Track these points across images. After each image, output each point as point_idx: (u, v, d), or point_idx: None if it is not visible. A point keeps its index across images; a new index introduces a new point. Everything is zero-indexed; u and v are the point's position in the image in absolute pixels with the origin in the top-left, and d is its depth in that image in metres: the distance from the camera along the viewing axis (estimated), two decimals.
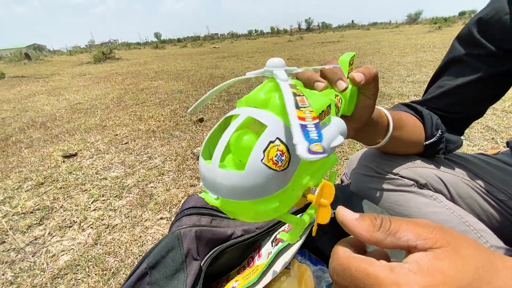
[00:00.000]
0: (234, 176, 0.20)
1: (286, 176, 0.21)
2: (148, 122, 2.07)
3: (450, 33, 8.71)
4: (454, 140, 0.55)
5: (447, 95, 0.54)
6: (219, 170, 0.20)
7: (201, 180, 0.23)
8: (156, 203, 1.06)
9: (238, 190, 0.20)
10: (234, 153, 0.24)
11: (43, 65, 8.55)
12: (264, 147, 0.19)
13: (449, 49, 0.57)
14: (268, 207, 0.21)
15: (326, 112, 0.26)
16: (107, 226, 0.96)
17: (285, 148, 0.20)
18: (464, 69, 0.52)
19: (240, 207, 0.21)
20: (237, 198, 0.20)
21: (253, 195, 0.20)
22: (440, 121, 0.53)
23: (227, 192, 0.20)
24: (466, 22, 0.56)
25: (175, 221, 0.52)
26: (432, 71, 3.00)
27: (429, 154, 0.55)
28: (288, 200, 0.22)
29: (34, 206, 1.11)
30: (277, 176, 0.20)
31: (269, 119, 0.21)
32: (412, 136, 0.51)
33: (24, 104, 3.08)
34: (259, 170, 0.19)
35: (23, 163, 1.54)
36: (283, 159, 0.20)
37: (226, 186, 0.20)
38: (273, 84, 0.23)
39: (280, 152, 0.20)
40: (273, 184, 0.20)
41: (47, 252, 0.87)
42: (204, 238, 0.49)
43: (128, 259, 0.80)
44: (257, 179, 0.19)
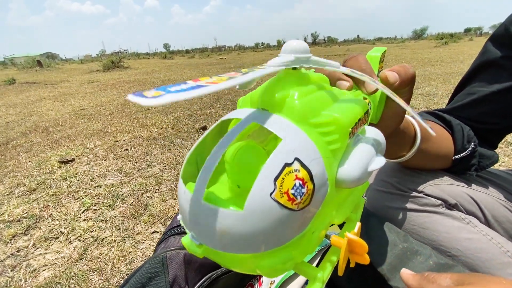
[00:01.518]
0: (228, 217, 0.13)
1: (307, 215, 0.13)
2: (150, 129, 2.03)
3: (457, 48, 8.69)
4: (489, 155, 0.47)
5: (479, 103, 0.47)
6: (204, 205, 0.13)
7: (180, 212, 0.16)
8: (151, 215, 0.98)
9: (234, 239, 0.13)
10: (230, 174, 0.16)
11: (54, 72, 8.74)
12: (276, 174, 0.12)
13: (480, 52, 0.50)
14: (277, 261, 0.13)
15: (364, 120, 0.19)
16: (96, 239, 0.89)
17: (308, 175, 0.13)
18: (500, 73, 0.45)
19: (235, 261, 0.14)
20: (230, 251, 0.13)
21: (255, 247, 0.13)
22: (472, 133, 0.46)
23: (217, 240, 0.13)
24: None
25: (161, 241, 0.44)
26: (442, 84, 2.93)
27: (459, 170, 0.47)
28: (307, 246, 0.15)
29: (22, 214, 1.04)
30: (294, 218, 0.13)
31: (286, 129, 0.14)
32: (440, 150, 0.43)
33: (30, 109, 3.09)
34: (267, 210, 0.12)
35: (19, 167, 1.49)
36: (303, 192, 0.13)
37: (214, 231, 0.13)
38: (291, 78, 0.16)
39: (301, 181, 0.13)
40: (288, 229, 0.13)
41: (27, 266, 0.79)
42: (195, 263, 0.42)
43: (114, 278, 0.72)
44: (263, 224, 0.12)
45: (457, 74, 3.46)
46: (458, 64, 4.61)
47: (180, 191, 0.15)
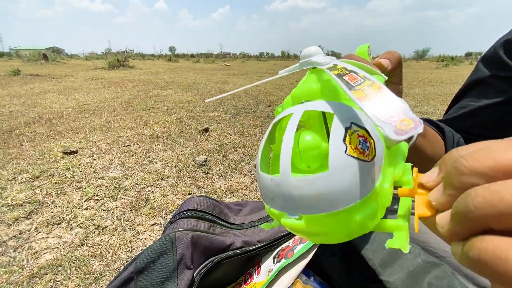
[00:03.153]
0: (317, 180, 0.15)
1: (376, 167, 0.16)
2: (153, 127, 2.06)
3: (457, 71, 8.88)
4: None
5: (469, 116, 0.51)
6: (294, 180, 0.16)
7: (267, 202, 0.18)
8: (151, 208, 1.01)
9: (327, 198, 0.15)
10: (297, 159, 0.19)
11: (59, 67, 8.80)
12: (342, 137, 0.15)
13: (472, 71, 0.55)
14: (366, 214, 0.16)
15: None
16: (97, 226, 0.91)
17: (366, 132, 0.16)
18: (488, 90, 0.50)
19: (330, 223, 0.16)
20: (326, 210, 0.15)
21: (346, 200, 0.15)
22: (462, 140, 0.50)
23: (312, 205, 0.16)
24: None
25: (171, 223, 0.47)
26: (440, 104, 3.00)
27: None
28: (384, 199, 0.17)
29: (25, 199, 1.06)
30: (369, 167, 0.15)
31: (333, 106, 0.17)
32: (434, 152, 0.47)
33: (34, 100, 3.11)
34: (347, 164, 0.15)
35: (22, 155, 1.51)
36: (368, 145, 0.16)
37: (309, 196, 0.15)
38: (317, 75, 0.20)
39: (363, 138, 0.16)
40: (368, 179, 0.15)
41: (29, 248, 0.81)
42: (201, 246, 0.45)
43: (114, 264, 0.75)
44: (348, 177, 0.15)
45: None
46: (458, 86, 4.72)
47: (266, 180, 0.17)
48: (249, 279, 0.53)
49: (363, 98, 0.14)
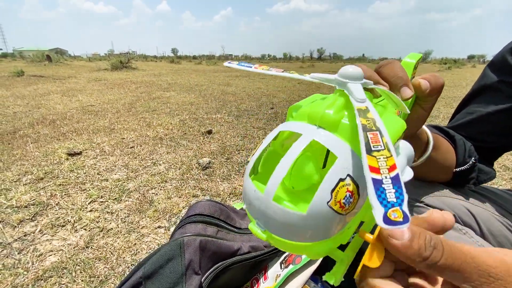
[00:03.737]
0: (293, 215, 0.17)
1: (349, 217, 0.17)
2: (156, 129, 2.07)
3: (460, 74, 8.85)
4: (487, 171, 0.50)
5: (477, 122, 0.51)
6: (273, 204, 0.17)
7: (245, 204, 0.20)
8: (156, 211, 1.01)
9: (294, 231, 0.17)
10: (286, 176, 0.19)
11: (62, 68, 8.86)
12: (332, 187, 0.16)
13: (480, 76, 0.54)
14: (322, 249, 0.18)
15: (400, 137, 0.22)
16: (102, 229, 0.91)
17: (355, 188, 0.17)
18: (496, 96, 0.49)
19: (289, 246, 0.18)
20: (289, 239, 0.17)
21: (310, 238, 0.17)
22: (473, 148, 0.49)
23: (279, 230, 0.17)
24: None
25: (179, 228, 0.47)
26: (443, 107, 2.99)
27: (459, 182, 0.50)
28: (342, 238, 0.18)
29: (30, 201, 1.07)
30: (341, 219, 0.17)
31: (341, 148, 0.17)
32: (445, 161, 0.47)
33: (38, 101, 3.13)
34: (323, 213, 0.16)
35: (27, 156, 1.52)
36: (351, 201, 0.16)
37: (279, 223, 0.17)
38: (344, 100, 0.19)
39: (350, 193, 0.16)
40: (335, 227, 0.17)
41: (34, 250, 0.81)
42: (209, 251, 0.44)
43: (119, 267, 0.74)
44: (319, 223, 0.16)
45: (458, 99, 3.53)
46: (460, 89, 4.70)
47: (250, 188, 0.19)
48: (255, 284, 0.52)
49: (373, 171, 0.14)
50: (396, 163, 0.14)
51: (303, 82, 5.56)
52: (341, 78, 0.19)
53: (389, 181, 0.13)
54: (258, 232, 0.18)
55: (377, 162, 0.14)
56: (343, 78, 0.19)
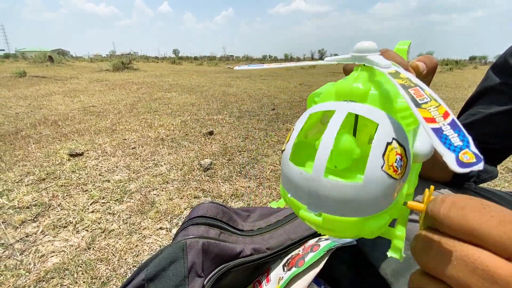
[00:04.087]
0: (349, 187, 0.16)
1: (402, 184, 0.17)
2: (158, 130, 2.07)
3: (462, 75, 8.83)
4: (489, 170, 0.50)
5: (479, 123, 0.51)
6: (325, 181, 0.16)
7: (288, 191, 0.19)
8: (157, 212, 1.01)
9: (352, 206, 0.16)
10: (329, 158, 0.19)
11: (64, 69, 8.89)
12: (382, 151, 0.16)
13: (483, 79, 0.54)
14: (380, 224, 0.17)
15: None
16: (103, 230, 0.91)
17: (403, 150, 0.17)
18: (499, 98, 0.49)
19: (346, 225, 0.17)
20: (347, 215, 0.16)
21: (368, 210, 0.16)
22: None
23: (336, 208, 0.17)
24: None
25: (181, 230, 0.47)
26: None
27: (459, 181, 0.50)
28: (395, 212, 0.18)
29: (32, 202, 1.07)
30: (395, 184, 0.16)
31: (379, 115, 0.17)
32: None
33: (40, 102, 3.14)
34: (380, 180, 0.16)
35: (29, 157, 1.52)
36: (401, 164, 0.16)
37: (335, 200, 0.16)
38: (367, 73, 0.19)
39: (399, 156, 0.16)
40: (391, 195, 0.16)
41: (36, 251, 0.81)
42: (211, 253, 0.44)
43: (121, 269, 0.74)
44: (377, 191, 0.16)
45: (460, 100, 3.52)
46: (462, 90, 4.69)
47: (295, 171, 0.18)
48: (258, 287, 0.52)
49: (430, 121, 0.14)
50: (447, 110, 0.14)
51: (305, 83, 5.56)
52: (358, 54, 0.19)
53: (448, 127, 0.13)
54: (311, 217, 0.17)
55: (430, 113, 0.14)
56: (360, 53, 0.19)
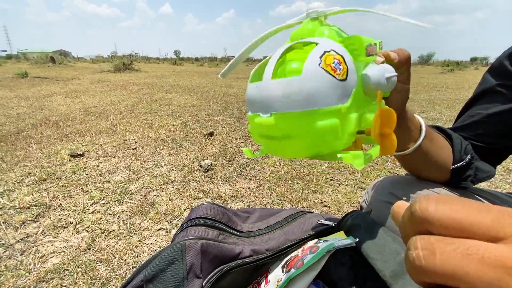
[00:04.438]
0: (291, 82, 0.18)
1: (346, 89, 0.19)
2: (158, 131, 2.07)
3: (463, 76, 8.82)
4: (485, 169, 0.51)
5: (478, 124, 0.52)
6: (272, 82, 0.19)
7: (248, 106, 0.22)
8: (157, 213, 1.01)
9: (296, 97, 0.18)
10: (281, 72, 0.22)
11: (66, 69, 8.93)
12: (320, 54, 0.18)
13: (480, 82, 0.55)
14: (327, 124, 0.18)
15: (373, 49, 0.25)
16: (103, 231, 0.91)
17: (342, 58, 0.19)
18: (496, 99, 0.50)
19: (296, 122, 0.19)
20: (293, 108, 0.18)
21: (311, 102, 0.18)
22: (470, 147, 0.50)
23: (283, 102, 0.18)
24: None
25: (180, 231, 0.47)
26: (446, 110, 2.98)
27: (457, 180, 0.50)
28: (348, 125, 0.20)
29: (32, 202, 1.07)
30: (336, 84, 0.18)
31: (320, 39, 0.21)
32: (440, 156, 0.47)
33: (41, 103, 3.15)
34: (318, 73, 0.18)
35: (30, 157, 1.53)
36: (341, 67, 0.19)
37: (282, 95, 0.18)
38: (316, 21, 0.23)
39: (337, 61, 0.19)
40: (333, 93, 0.18)
41: (36, 252, 0.81)
42: (210, 254, 0.44)
43: (121, 270, 0.74)
44: (316, 83, 0.18)
45: (461, 101, 3.51)
46: (463, 91, 4.68)
47: (251, 88, 0.21)
48: None
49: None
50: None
51: None
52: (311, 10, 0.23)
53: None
54: (264, 120, 0.19)
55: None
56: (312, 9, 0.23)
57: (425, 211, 0.13)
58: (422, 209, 0.13)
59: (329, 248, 0.47)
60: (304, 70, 0.18)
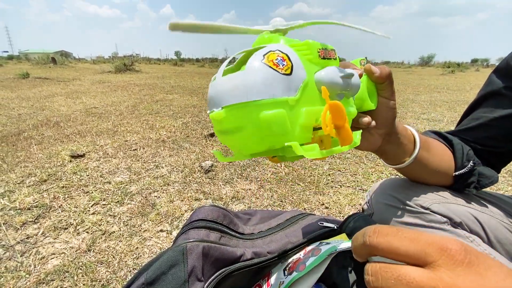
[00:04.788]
0: (236, 76, 0.20)
1: (292, 82, 0.20)
2: (159, 131, 2.07)
3: (464, 77, 8.81)
4: (489, 175, 0.50)
5: (483, 127, 0.51)
6: (221, 78, 0.21)
7: (208, 107, 0.24)
8: (158, 214, 1.00)
9: (241, 88, 0.20)
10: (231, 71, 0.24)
11: (67, 70, 8.95)
12: (264, 52, 0.20)
13: (485, 83, 0.54)
14: (272, 112, 0.20)
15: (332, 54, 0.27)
16: (104, 232, 0.90)
17: (286, 56, 0.21)
18: (502, 102, 0.49)
19: (243, 113, 0.20)
20: (240, 99, 0.20)
21: (254, 93, 0.19)
22: (472, 152, 0.49)
23: (230, 95, 0.20)
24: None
25: (182, 233, 0.47)
26: (447, 111, 2.97)
27: (460, 186, 0.50)
28: (296, 116, 0.21)
29: (33, 203, 1.07)
30: (279, 78, 0.20)
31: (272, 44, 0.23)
32: (440, 164, 0.46)
33: (42, 103, 3.16)
34: (259, 68, 0.20)
35: (30, 158, 1.53)
36: (284, 64, 0.20)
37: (228, 88, 0.20)
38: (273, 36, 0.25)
39: (281, 58, 0.20)
40: (277, 85, 0.20)
41: (37, 253, 0.81)
42: (211, 257, 0.44)
43: (121, 271, 0.74)
44: (258, 76, 0.20)
45: (463, 102, 3.51)
46: (464, 93, 4.68)
47: (210, 87, 0.23)
48: None
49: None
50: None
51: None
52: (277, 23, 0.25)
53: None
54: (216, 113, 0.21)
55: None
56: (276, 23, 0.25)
57: (371, 243, 0.18)
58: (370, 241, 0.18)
59: (331, 251, 0.47)
60: (247, 65, 0.20)
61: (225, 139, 0.23)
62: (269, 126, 0.20)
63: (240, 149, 0.23)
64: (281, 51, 0.21)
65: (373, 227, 0.18)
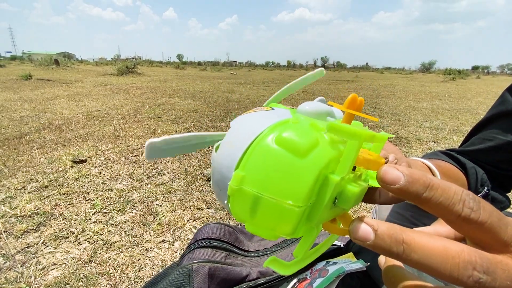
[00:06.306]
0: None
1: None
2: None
3: (465, 85, 8.83)
4: (501, 200, 0.49)
5: (496, 150, 0.49)
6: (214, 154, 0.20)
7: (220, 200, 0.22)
8: (160, 223, 0.99)
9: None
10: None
11: (69, 72, 8.98)
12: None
13: (498, 101, 0.53)
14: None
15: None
16: (105, 242, 0.89)
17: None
18: None
19: (240, 197, 0.17)
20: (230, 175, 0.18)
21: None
22: (486, 177, 0.48)
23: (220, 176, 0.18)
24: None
25: (187, 253, 0.46)
26: (449, 120, 2.97)
27: None
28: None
29: (34, 210, 1.06)
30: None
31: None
32: None
33: (44, 106, 3.16)
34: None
35: (32, 163, 1.52)
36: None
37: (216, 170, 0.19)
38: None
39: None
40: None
41: (37, 263, 0.80)
42: (217, 278, 0.43)
43: (122, 284, 0.73)
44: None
45: (464, 111, 3.51)
46: (466, 101, 4.68)
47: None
48: None
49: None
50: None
51: (307, 91, 5.56)
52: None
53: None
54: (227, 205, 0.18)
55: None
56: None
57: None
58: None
59: (339, 272, 0.46)
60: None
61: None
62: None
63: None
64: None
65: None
